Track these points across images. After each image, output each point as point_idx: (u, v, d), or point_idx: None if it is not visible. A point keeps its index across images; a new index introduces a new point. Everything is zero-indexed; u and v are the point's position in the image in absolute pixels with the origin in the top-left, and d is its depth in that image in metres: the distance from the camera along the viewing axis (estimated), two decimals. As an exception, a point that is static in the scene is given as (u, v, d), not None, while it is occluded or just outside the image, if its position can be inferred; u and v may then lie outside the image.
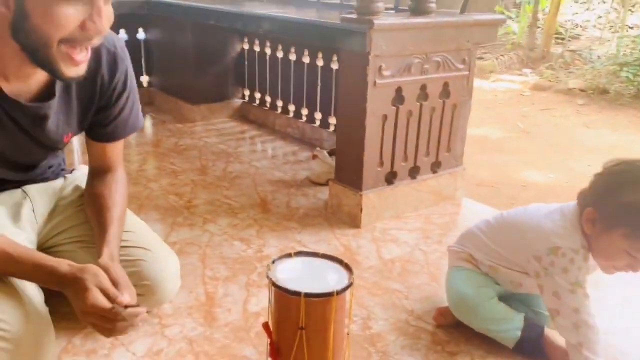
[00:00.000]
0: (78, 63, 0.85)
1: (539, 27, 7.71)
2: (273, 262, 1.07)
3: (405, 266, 1.83)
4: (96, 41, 0.86)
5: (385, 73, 1.95)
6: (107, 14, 0.84)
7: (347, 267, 1.07)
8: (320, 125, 3.05)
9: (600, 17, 8.76)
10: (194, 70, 3.37)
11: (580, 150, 4.08)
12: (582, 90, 5.91)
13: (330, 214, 2.19)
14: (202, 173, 2.61)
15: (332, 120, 2.92)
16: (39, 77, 0.99)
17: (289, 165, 2.76)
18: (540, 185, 3.34)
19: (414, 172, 2.22)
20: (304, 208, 2.26)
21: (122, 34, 3.49)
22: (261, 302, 1.58)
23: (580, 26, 8.72)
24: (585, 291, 1.22)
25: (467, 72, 2.20)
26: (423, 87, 2.10)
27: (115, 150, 1.32)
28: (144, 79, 3.74)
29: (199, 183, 2.49)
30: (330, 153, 2.49)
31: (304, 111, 3.13)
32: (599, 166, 1.27)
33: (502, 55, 7.24)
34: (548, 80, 6.37)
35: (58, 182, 1.40)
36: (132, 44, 3.57)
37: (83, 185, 1.38)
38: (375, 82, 1.93)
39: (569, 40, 7.93)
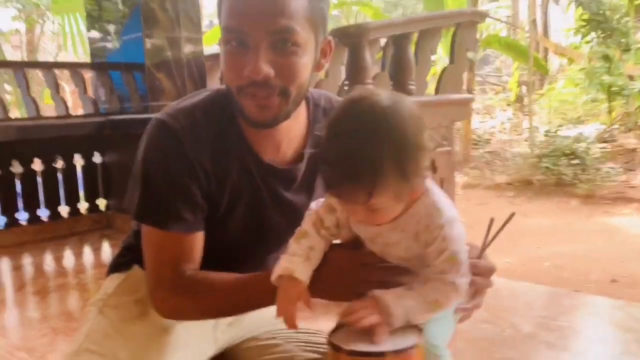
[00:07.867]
0: (257, 106, 0.80)
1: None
2: None
3: None
4: (262, 89, 0.78)
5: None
6: (281, 63, 0.78)
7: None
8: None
9: (503, 123, 9.79)
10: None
11: (525, 237, 4.21)
12: (509, 184, 6.37)
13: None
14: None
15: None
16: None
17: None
18: (500, 270, 3.40)
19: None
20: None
21: (79, 158, 3.39)
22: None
23: (488, 132, 9.65)
24: None
25: (449, 148, 2.32)
26: (414, 163, 2.17)
27: None
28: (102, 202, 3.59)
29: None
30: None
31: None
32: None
33: (427, 161, 7.74)
34: (475, 178, 6.83)
35: None
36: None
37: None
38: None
39: (484, 145, 8.68)
